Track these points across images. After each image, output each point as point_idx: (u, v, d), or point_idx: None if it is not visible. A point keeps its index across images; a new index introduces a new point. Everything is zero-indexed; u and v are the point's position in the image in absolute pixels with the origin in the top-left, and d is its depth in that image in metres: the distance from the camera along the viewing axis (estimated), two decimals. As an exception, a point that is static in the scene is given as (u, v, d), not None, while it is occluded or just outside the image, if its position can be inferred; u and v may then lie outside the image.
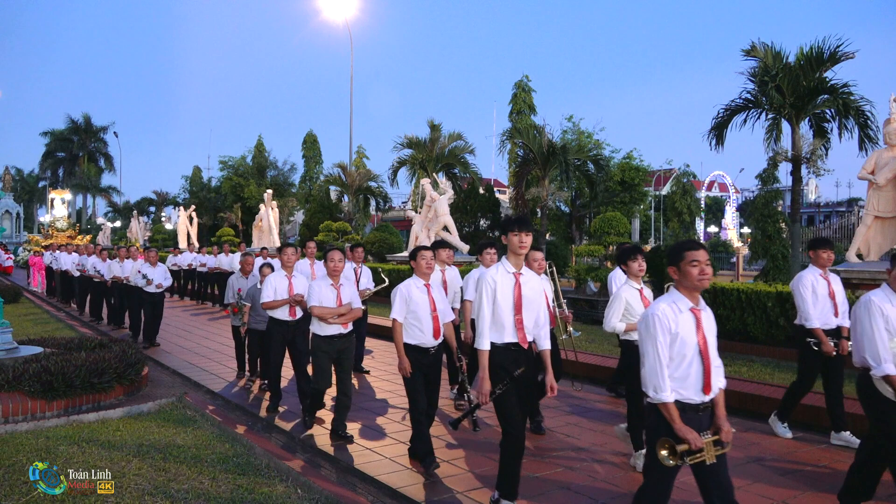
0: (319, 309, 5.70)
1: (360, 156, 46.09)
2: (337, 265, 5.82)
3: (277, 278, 6.68)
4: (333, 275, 5.85)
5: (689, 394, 3.24)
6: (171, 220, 48.01)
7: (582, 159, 21.31)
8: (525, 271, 4.22)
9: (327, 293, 5.79)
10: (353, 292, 5.95)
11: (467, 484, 4.77)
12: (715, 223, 57.94)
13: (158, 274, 11.11)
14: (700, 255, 3.25)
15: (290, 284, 6.67)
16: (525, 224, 4.18)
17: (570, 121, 28.01)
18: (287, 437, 6.08)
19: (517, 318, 4.10)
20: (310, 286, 5.88)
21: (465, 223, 26.09)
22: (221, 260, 17.05)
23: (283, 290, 6.63)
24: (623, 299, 5.24)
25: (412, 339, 5.08)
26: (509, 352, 4.10)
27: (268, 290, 6.61)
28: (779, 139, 15.06)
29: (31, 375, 6.38)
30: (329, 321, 5.70)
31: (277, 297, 6.60)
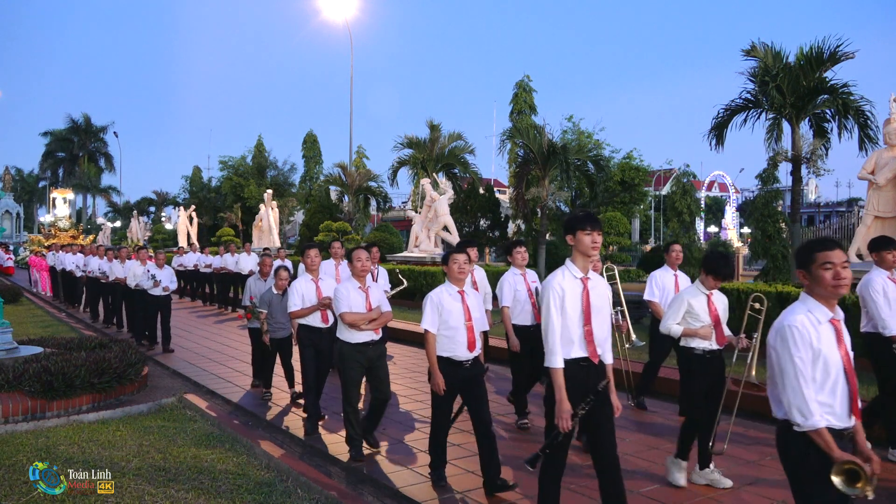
0: (351, 315, 5.17)
1: (360, 156, 46.06)
2: (364, 265, 5.34)
3: (303, 284, 6.17)
4: (361, 276, 5.37)
5: (833, 419, 2.78)
6: (171, 220, 48.01)
7: (582, 159, 21.30)
8: (592, 275, 3.73)
9: (356, 297, 5.27)
10: (381, 294, 5.49)
11: (468, 484, 4.77)
12: (715, 223, 57.92)
13: (165, 276, 10.61)
14: (835, 257, 2.81)
15: (317, 289, 6.19)
16: (596, 222, 3.70)
17: (570, 121, 28.06)
18: (287, 438, 6.08)
19: (586, 330, 3.64)
20: (336, 290, 5.36)
21: (465, 223, 26.07)
22: (227, 260, 16.61)
23: (310, 296, 6.13)
24: (685, 302, 4.83)
25: (444, 351, 4.60)
26: (579, 368, 3.64)
27: (294, 298, 6.09)
28: (779, 139, 15.04)
29: (31, 375, 6.38)
30: (361, 327, 5.20)
31: (306, 305, 6.09)
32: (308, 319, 6.12)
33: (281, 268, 7.23)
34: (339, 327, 5.28)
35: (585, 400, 3.58)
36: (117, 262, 12.75)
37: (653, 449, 5.58)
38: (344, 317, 5.19)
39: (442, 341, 4.62)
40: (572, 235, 3.66)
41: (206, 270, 17.62)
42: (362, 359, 5.23)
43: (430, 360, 4.63)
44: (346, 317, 5.18)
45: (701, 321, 4.78)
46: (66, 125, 58.99)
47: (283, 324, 6.88)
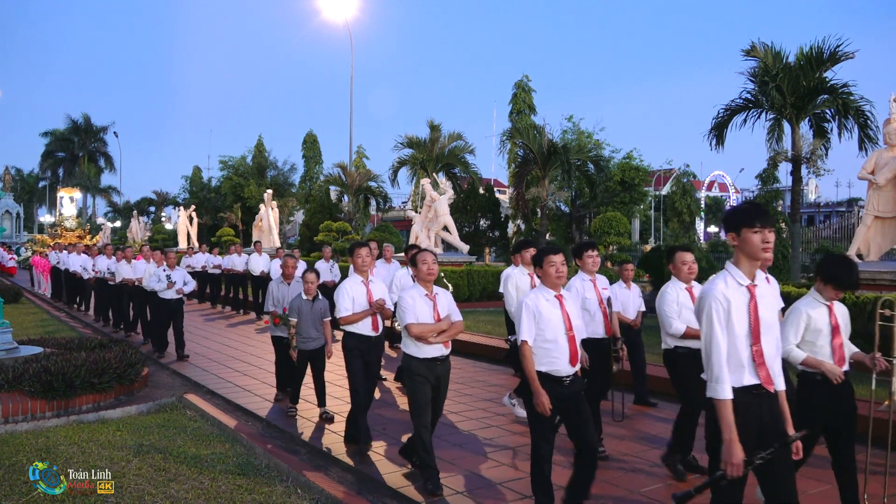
0: (418, 327, 4.58)
1: (360, 156, 46.09)
2: (431, 269, 4.73)
3: (353, 286, 5.53)
4: (427, 281, 4.76)
5: None
6: (171, 220, 48.04)
7: (582, 159, 21.32)
8: (759, 281, 3.08)
9: (422, 306, 4.67)
10: (450, 302, 4.85)
11: (468, 484, 4.77)
12: (715, 223, 57.90)
13: (178, 278, 9.97)
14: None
15: (368, 292, 5.56)
16: (767, 217, 3.04)
17: (570, 121, 28.08)
18: (287, 438, 6.07)
19: (755, 350, 2.98)
20: (401, 298, 4.72)
21: (465, 223, 26.09)
22: (234, 261, 16.12)
23: (361, 300, 5.50)
24: (804, 314, 4.05)
25: (542, 365, 4.06)
26: (752, 398, 2.97)
27: (344, 302, 5.44)
28: (779, 139, 15.08)
29: (31, 375, 6.38)
30: (429, 340, 4.61)
31: (356, 309, 5.46)
32: (357, 326, 5.49)
33: (308, 271, 6.56)
34: (405, 340, 4.71)
35: (765, 448, 2.90)
36: (124, 262, 12.16)
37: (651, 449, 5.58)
38: (410, 328, 4.58)
39: (539, 354, 4.06)
40: (735, 234, 3.00)
41: (215, 271, 17.14)
42: (431, 376, 4.65)
43: (530, 376, 4.06)
44: (413, 328, 4.58)
45: (824, 336, 4.05)
46: (66, 125, 58.98)
47: (314, 335, 6.34)
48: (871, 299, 8.51)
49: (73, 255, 16.36)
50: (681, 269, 5.11)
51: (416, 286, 4.79)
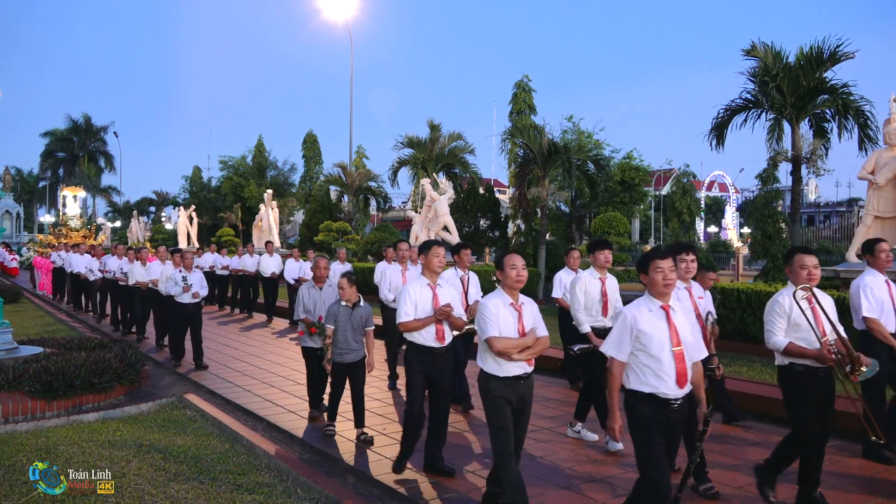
0: (502, 341, 4.00)
1: (360, 156, 46.06)
2: (521, 274, 4.12)
3: (417, 289, 4.90)
4: (514, 289, 4.16)
5: None
6: (171, 220, 48.03)
7: (582, 159, 21.31)
8: None
9: (506, 317, 4.08)
10: (536, 314, 4.23)
11: (467, 484, 4.77)
12: (715, 223, 57.95)
13: (195, 281, 9.30)
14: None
15: (434, 297, 4.89)
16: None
17: (570, 121, 28.04)
18: (287, 437, 6.07)
19: None
20: (482, 307, 4.12)
21: (465, 223, 26.07)
22: (245, 261, 15.50)
23: (425, 305, 4.85)
24: None
25: (644, 385, 3.56)
26: None
27: (405, 306, 4.82)
28: (779, 139, 15.07)
29: (32, 375, 6.39)
30: (513, 357, 4.04)
31: (419, 315, 4.83)
32: (420, 336, 4.87)
33: (345, 276, 5.85)
34: (482, 355, 4.15)
35: None
36: (138, 263, 11.52)
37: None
38: (492, 343, 4.01)
39: (640, 373, 3.60)
40: None
41: (223, 272, 16.52)
42: (513, 397, 4.07)
43: (611, 395, 3.63)
44: (496, 343, 4.00)
45: None
46: (67, 125, 58.95)
47: (354, 345, 5.75)
48: None
49: (76, 256, 15.90)
50: (799, 273, 4.30)
51: (501, 293, 4.17)
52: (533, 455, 5.36)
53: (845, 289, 9.64)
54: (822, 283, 10.48)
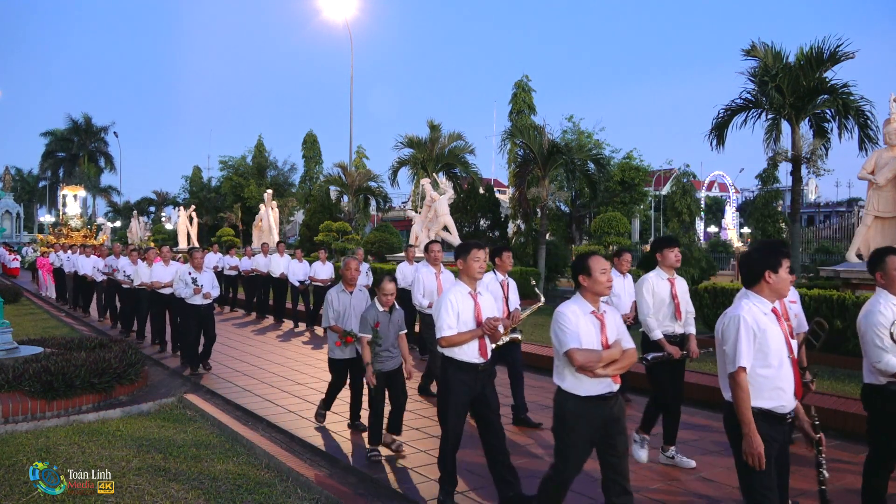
0: (584, 354, 3.49)
1: (360, 156, 46.06)
2: (611, 279, 3.73)
3: (458, 298, 4.32)
4: (601, 296, 3.70)
5: None
6: (171, 220, 48.03)
7: (582, 159, 21.32)
8: None
9: (587, 327, 3.59)
10: (619, 322, 3.75)
11: (467, 484, 4.77)
12: (715, 223, 57.95)
13: (206, 281, 8.94)
14: None
15: (476, 306, 4.35)
16: None
17: (570, 121, 28.07)
18: (287, 437, 6.07)
19: None
20: (561, 316, 3.61)
21: (465, 223, 26.06)
22: (258, 261, 15.08)
23: (468, 317, 4.31)
24: None
25: (761, 400, 3.17)
26: None
27: (446, 318, 4.26)
28: (779, 139, 15.07)
29: (31, 375, 6.40)
30: (596, 373, 3.51)
31: (462, 328, 4.27)
32: (461, 351, 4.30)
33: (387, 280, 5.40)
34: (560, 371, 3.65)
35: None
36: (143, 264, 11.13)
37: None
38: (573, 356, 3.50)
39: (756, 385, 3.16)
40: None
41: (231, 272, 16.09)
42: (597, 422, 3.55)
43: (744, 415, 3.11)
44: (577, 356, 3.49)
45: None
46: (67, 125, 58.97)
47: (393, 351, 5.41)
48: None
49: (82, 258, 15.39)
50: (893, 277, 3.86)
51: (580, 300, 3.68)
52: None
53: (845, 289, 9.64)
54: (822, 283, 10.52)
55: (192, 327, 8.86)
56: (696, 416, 6.45)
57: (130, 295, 11.89)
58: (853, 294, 8.98)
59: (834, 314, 8.62)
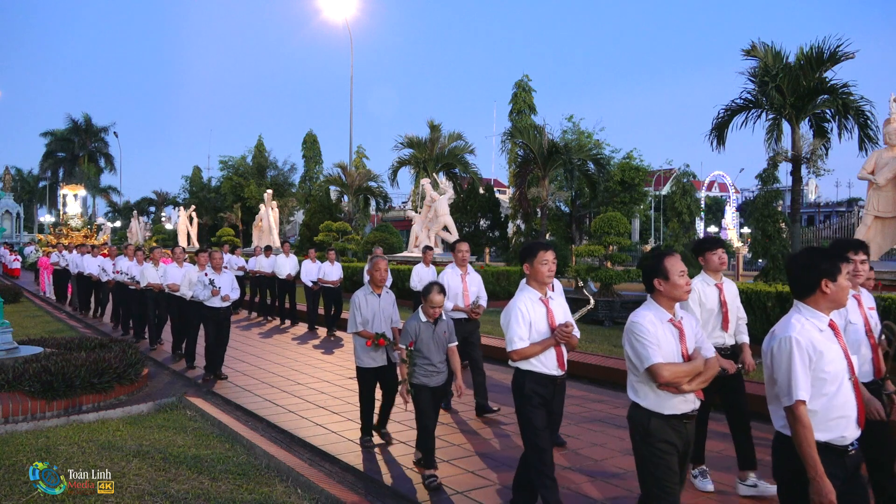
0: (672, 369, 3.12)
1: (359, 156, 46.08)
2: (689, 282, 3.38)
3: (529, 305, 3.93)
4: (677, 300, 3.32)
5: None
6: (171, 220, 48.08)
7: (582, 159, 21.34)
8: None
9: (667, 336, 3.22)
10: (696, 329, 3.39)
11: (467, 484, 4.77)
12: (715, 223, 57.94)
13: (225, 283, 8.51)
14: None
15: (549, 312, 3.96)
16: None
17: (570, 121, 28.10)
18: (287, 437, 6.07)
19: None
20: (637, 326, 3.20)
21: (465, 223, 26.11)
22: (262, 262, 14.76)
23: (541, 325, 3.91)
24: None
25: (826, 431, 2.75)
26: None
27: (518, 328, 3.86)
28: (779, 139, 15.07)
29: (31, 375, 6.39)
30: (682, 388, 3.15)
31: (536, 337, 3.89)
32: (539, 364, 3.90)
33: (435, 291, 4.81)
34: (639, 387, 3.25)
35: None
36: (149, 265, 10.67)
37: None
38: (659, 371, 3.10)
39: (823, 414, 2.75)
40: None
41: (239, 273, 15.47)
42: (679, 441, 3.19)
43: (809, 456, 2.66)
44: (664, 371, 3.10)
45: None
46: (67, 125, 59.01)
47: (440, 365, 4.84)
48: None
49: (87, 258, 14.97)
50: None
51: (655, 306, 3.28)
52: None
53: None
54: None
55: (209, 331, 8.46)
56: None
57: (138, 298, 11.29)
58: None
59: (834, 314, 8.62)
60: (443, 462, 5.16)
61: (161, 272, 10.27)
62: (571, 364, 7.85)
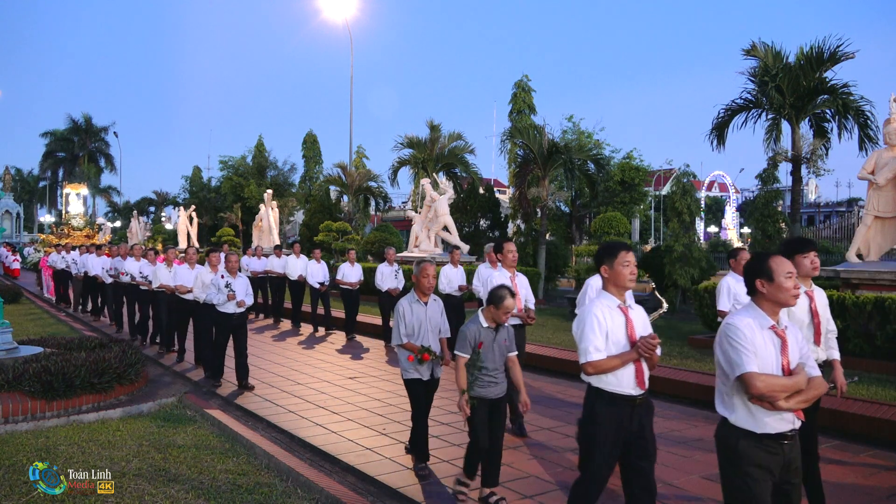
0: (767, 380, 2.79)
1: (359, 156, 46.04)
2: (798, 285, 3.04)
3: (605, 312, 3.45)
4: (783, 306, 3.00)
5: None
6: (171, 220, 48.07)
7: (582, 159, 21.32)
8: None
9: (765, 346, 2.90)
10: (801, 341, 3.03)
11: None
12: (715, 223, 57.96)
13: (240, 287, 8.04)
14: None
15: (628, 322, 3.46)
16: None
17: (570, 121, 28.09)
18: (287, 437, 6.07)
19: None
20: (732, 329, 2.90)
21: (465, 223, 26.08)
22: (273, 262, 14.43)
23: (619, 336, 3.43)
24: None
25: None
26: None
27: (593, 338, 3.37)
28: (779, 139, 15.07)
29: (31, 375, 6.39)
30: (779, 405, 2.80)
31: (614, 350, 3.39)
32: (614, 380, 3.41)
33: (504, 297, 4.30)
34: (728, 400, 2.93)
35: None
36: (162, 266, 10.09)
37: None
38: (752, 382, 2.78)
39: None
40: None
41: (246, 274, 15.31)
42: (777, 469, 2.85)
43: None
44: (758, 382, 2.78)
45: None
46: (67, 125, 58.99)
47: (500, 376, 4.42)
48: (871, 299, 8.53)
49: (92, 258, 14.61)
50: None
51: (756, 311, 2.97)
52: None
53: (846, 289, 9.64)
54: (822, 283, 10.52)
55: (222, 338, 8.06)
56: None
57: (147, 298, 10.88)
58: (853, 294, 8.99)
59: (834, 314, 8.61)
60: (443, 462, 5.17)
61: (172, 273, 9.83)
62: (570, 364, 7.88)
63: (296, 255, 13.87)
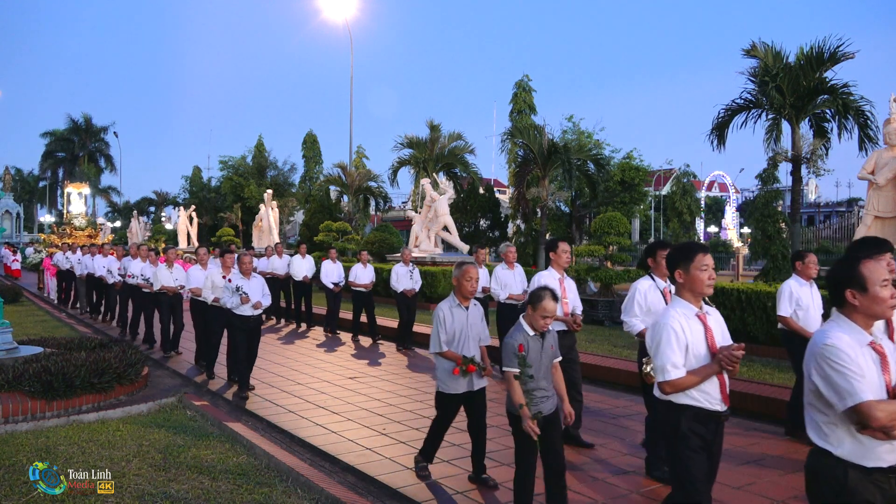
0: (887, 408, 2.42)
1: (359, 156, 46.05)
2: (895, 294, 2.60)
3: (682, 322, 3.14)
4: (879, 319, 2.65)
5: None
6: (171, 220, 48.09)
7: (582, 159, 21.34)
8: None
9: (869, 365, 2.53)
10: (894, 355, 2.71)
11: (467, 484, 4.77)
12: (715, 223, 57.96)
13: (255, 289, 7.66)
14: None
15: (707, 330, 3.17)
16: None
17: (570, 121, 28.11)
18: (287, 437, 6.07)
19: None
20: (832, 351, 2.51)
21: (465, 223, 26.12)
22: (275, 263, 14.05)
23: (699, 347, 3.13)
24: None
25: None
26: None
27: (671, 353, 3.08)
28: (779, 139, 15.07)
29: (31, 375, 6.39)
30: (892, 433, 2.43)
31: (695, 363, 3.12)
32: (701, 396, 3.13)
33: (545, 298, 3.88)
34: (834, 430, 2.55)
35: None
36: (163, 266, 9.96)
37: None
38: (871, 412, 2.41)
39: None
40: None
41: None
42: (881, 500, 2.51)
43: None
44: (877, 411, 2.40)
45: None
46: (67, 125, 59.03)
47: (548, 389, 4.01)
48: None
49: (97, 257, 14.34)
50: None
51: (849, 326, 2.59)
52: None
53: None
54: (823, 283, 10.53)
55: (239, 342, 7.64)
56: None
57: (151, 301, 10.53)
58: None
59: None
60: (442, 462, 5.17)
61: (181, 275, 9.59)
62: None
63: (301, 256, 13.56)
